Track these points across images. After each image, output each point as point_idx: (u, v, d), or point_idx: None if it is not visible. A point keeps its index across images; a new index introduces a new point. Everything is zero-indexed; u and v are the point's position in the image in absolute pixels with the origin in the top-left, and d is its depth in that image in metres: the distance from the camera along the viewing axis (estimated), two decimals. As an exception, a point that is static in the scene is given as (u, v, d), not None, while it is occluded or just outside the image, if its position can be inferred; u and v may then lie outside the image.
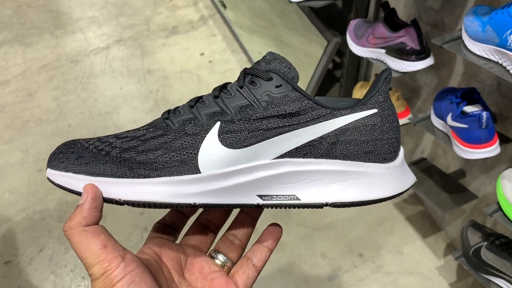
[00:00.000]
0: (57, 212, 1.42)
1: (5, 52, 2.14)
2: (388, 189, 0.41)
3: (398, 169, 0.41)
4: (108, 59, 2.05)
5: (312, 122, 0.39)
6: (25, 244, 1.34)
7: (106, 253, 0.33)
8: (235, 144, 0.38)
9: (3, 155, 1.62)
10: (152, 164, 0.37)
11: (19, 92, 1.91)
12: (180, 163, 0.38)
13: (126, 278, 0.32)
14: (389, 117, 0.41)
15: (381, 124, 0.40)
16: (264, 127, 0.38)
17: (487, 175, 1.04)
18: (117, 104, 1.81)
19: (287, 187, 0.40)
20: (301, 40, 1.70)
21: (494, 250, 0.94)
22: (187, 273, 0.40)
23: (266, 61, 0.41)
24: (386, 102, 0.41)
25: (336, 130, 0.39)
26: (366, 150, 0.40)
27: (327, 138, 0.39)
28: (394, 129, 0.41)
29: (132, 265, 0.33)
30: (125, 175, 0.37)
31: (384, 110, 0.40)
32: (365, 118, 0.40)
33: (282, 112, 0.39)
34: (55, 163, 0.39)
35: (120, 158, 0.38)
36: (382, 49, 1.04)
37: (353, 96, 1.35)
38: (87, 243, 0.34)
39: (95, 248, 0.33)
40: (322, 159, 0.39)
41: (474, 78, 1.00)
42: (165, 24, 2.25)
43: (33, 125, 1.74)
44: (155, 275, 0.36)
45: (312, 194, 0.40)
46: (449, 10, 1.01)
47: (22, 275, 1.27)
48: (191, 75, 1.93)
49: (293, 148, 0.39)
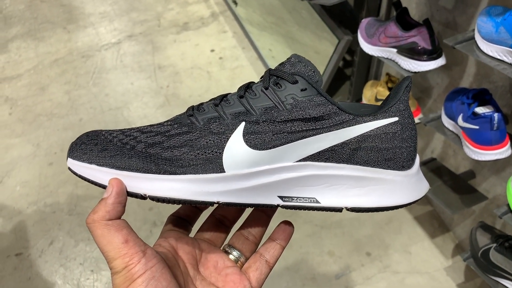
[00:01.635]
0: (67, 205, 1.44)
1: (18, 46, 2.16)
2: (405, 196, 0.42)
3: (415, 177, 0.42)
4: (119, 54, 2.07)
5: (335, 128, 0.39)
6: (36, 236, 1.36)
7: (127, 248, 0.34)
8: (260, 146, 0.39)
9: (15, 148, 1.64)
10: (177, 161, 0.38)
11: (31, 86, 1.93)
12: (205, 161, 0.38)
13: (146, 273, 0.33)
14: (409, 125, 0.41)
15: (401, 132, 0.41)
16: (288, 130, 0.39)
17: (498, 177, 1.04)
18: (128, 99, 1.82)
19: (307, 189, 0.41)
20: (312, 38, 1.70)
21: (503, 252, 0.93)
22: (201, 267, 0.40)
23: (291, 63, 0.42)
24: (406, 111, 0.41)
25: (358, 137, 0.40)
26: (386, 157, 0.40)
27: (349, 143, 0.40)
28: (413, 137, 0.42)
29: (153, 261, 0.34)
30: (151, 170, 0.38)
31: (404, 119, 0.41)
32: (387, 126, 0.40)
33: (307, 116, 0.39)
34: (78, 154, 0.39)
35: (146, 153, 0.38)
36: (393, 48, 1.04)
37: (363, 95, 1.35)
38: (109, 237, 0.34)
39: (117, 242, 0.34)
40: (343, 164, 0.40)
41: (486, 79, 0.99)
42: (176, 20, 2.26)
43: (44, 119, 1.76)
44: (172, 269, 0.36)
45: (332, 198, 0.41)
46: (462, 10, 1.00)
47: (33, 267, 1.29)
48: (201, 71, 1.94)
49: (316, 152, 0.40)
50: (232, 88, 1.82)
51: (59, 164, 1.57)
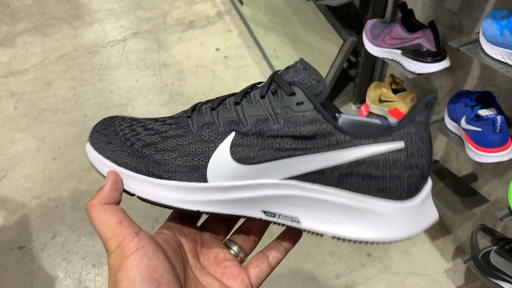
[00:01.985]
0: (70, 200, 1.45)
1: (24, 41, 2.17)
2: (395, 231, 0.37)
3: (416, 209, 0.37)
4: (125, 51, 2.08)
5: (326, 149, 0.36)
6: (39, 230, 1.37)
7: (121, 229, 0.35)
8: (244, 160, 0.37)
9: (20, 142, 1.65)
10: (165, 166, 0.38)
11: (37, 81, 1.94)
12: (191, 169, 0.38)
13: (139, 251, 0.34)
14: (419, 151, 0.36)
15: (405, 160, 0.35)
16: (276, 146, 0.36)
17: (499, 180, 1.04)
18: (133, 96, 1.83)
19: (291, 208, 0.38)
20: (317, 38, 1.70)
21: (503, 254, 0.94)
22: (202, 257, 0.41)
23: (295, 69, 0.38)
24: (418, 135, 0.35)
25: (351, 162, 0.36)
26: (380, 187, 0.36)
27: (339, 168, 0.36)
28: (422, 164, 0.36)
29: (145, 241, 0.35)
30: (141, 171, 0.38)
31: (413, 144, 0.35)
32: (388, 153, 0.35)
33: (297, 133, 0.36)
34: (93, 141, 0.41)
35: (141, 153, 0.39)
36: (398, 49, 1.04)
37: (367, 96, 1.35)
38: (105, 219, 0.35)
39: (112, 224, 0.35)
40: (331, 188, 0.37)
41: (490, 82, 0.99)
42: (182, 19, 2.27)
43: (49, 114, 1.77)
44: (173, 254, 0.37)
45: (314, 222, 0.38)
46: (468, 13, 1.01)
47: (35, 260, 1.30)
48: (206, 70, 1.95)
49: (302, 173, 0.37)
50: (236, 87, 1.82)
51: (63, 159, 1.58)
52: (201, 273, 0.39)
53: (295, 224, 0.38)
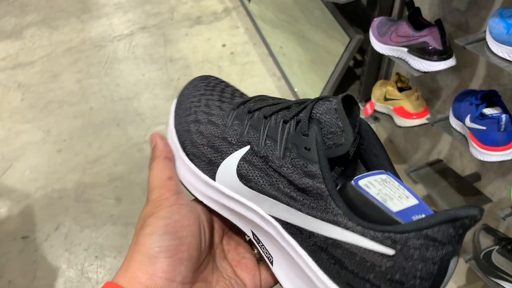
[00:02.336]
0: (74, 192, 1.45)
1: (32, 33, 2.18)
2: None
3: None
4: (131, 45, 2.08)
5: (311, 211, 0.31)
6: (42, 221, 1.38)
7: (168, 183, 0.37)
8: (244, 179, 0.35)
9: (25, 134, 1.67)
10: (195, 148, 0.39)
11: (43, 73, 1.95)
12: (209, 162, 0.37)
13: (174, 207, 0.35)
14: (412, 268, 0.27)
15: (389, 271, 0.28)
16: (271, 181, 0.33)
17: (503, 180, 1.04)
18: (139, 90, 1.84)
19: (271, 247, 0.35)
20: (323, 37, 1.70)
21: (505, 254, 0.93)
22: (225, 241, 0.41)
23: (327, 106, 0.33)
24: (420, 250, 0.27)
25: (328, 238, 0.30)
26: (349, 282, 0.29)
27: (317, 237, 0.31)
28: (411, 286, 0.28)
29: (184, 201, 0.36)
30: (179, 140, 0.40)
31: (406, 260, 0.27)
32: (369, 252, 0.28)
33: (292, 179, 0.32)
34: (178, 104, 0.43)
35: (188, 126, 0.40)
36: (404, 47, 1.04)
37: (372, 94, 1.35)
38: (160, 171, 0.38)
39: (163, 176, 0.37)
40: (305, 252, 0.32)
41: (496, 81, 0.99)
42: (189, 14, 2.27)
43: (55, 106, 1.78)
44: (204, 224, 0.38)
45: (282, 273, 0.35)
46: (475, 12, 1.00)
47: (38, 250, 1.31)
48: (212, 65, 1.95)
49: (285, 220, 0.33)
50: (241, 83, 1.83)
51: (68, 151, 1.59)
52: (219, 255, 0.40)
53: (269, 263, 0.36)
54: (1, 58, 2.05)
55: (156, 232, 0.33)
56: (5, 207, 1.43)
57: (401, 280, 0.27)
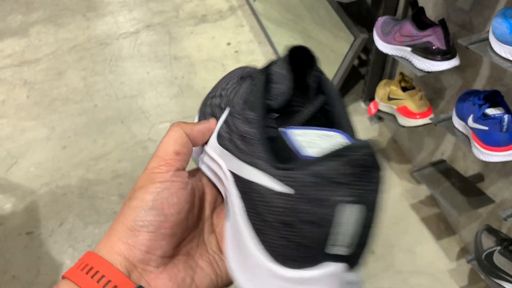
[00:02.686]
0: (78, 188, 1.46)
1: (38, 31, 2.20)
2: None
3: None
4: (136, 43, 2.09)
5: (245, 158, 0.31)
6: (47, 217, 1.39)
7: (172, 157, 0.35)
8: (219, 138, 0.36)
9: (30, 131, 1.68)
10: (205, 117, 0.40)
11: (49, 70, 1.96)
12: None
13: (166, 183, 0.34)
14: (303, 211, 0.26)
15: (283, 213, 0.26)
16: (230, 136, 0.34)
17: (506, 180, 1.04)
18: (143, 88, 1.85)
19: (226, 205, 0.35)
20: (328, 36, 1.70)
21: (507, 255, 0.93)
22: (215, 214, 0.41)
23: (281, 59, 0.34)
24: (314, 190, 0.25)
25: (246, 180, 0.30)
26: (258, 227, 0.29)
27: (245, 184, 0.31)
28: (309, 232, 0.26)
29: (178, 178, 0.35)
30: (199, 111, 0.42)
31: (302, 201, 0.26)
32: (272, 192, 0.27)
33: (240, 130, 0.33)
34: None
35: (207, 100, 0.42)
36: (408, 47, 1.04)
37: (376, 94, 1.34)
38: (171, 142, 0.36)
39: (171, 148, 0.36)
40: (240, 203, 0.31)
41: (499, 82, 0.99)
42: (194, 12, 2.28)
43: (60, 103, 1.79)
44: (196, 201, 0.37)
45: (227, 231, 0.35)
46: (479, 12, 1.00)
47: (42, 246, 1.32)
48: (216, 63, 1.96)
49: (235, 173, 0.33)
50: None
51: (72, 148, 1.60)
52: (208, 228, 0.39)
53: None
54: (7, 55, 2.06)
55: (142, 206, 0.33)
56: (10, 203, 1.44)
57: (290, 222, 0.26)
